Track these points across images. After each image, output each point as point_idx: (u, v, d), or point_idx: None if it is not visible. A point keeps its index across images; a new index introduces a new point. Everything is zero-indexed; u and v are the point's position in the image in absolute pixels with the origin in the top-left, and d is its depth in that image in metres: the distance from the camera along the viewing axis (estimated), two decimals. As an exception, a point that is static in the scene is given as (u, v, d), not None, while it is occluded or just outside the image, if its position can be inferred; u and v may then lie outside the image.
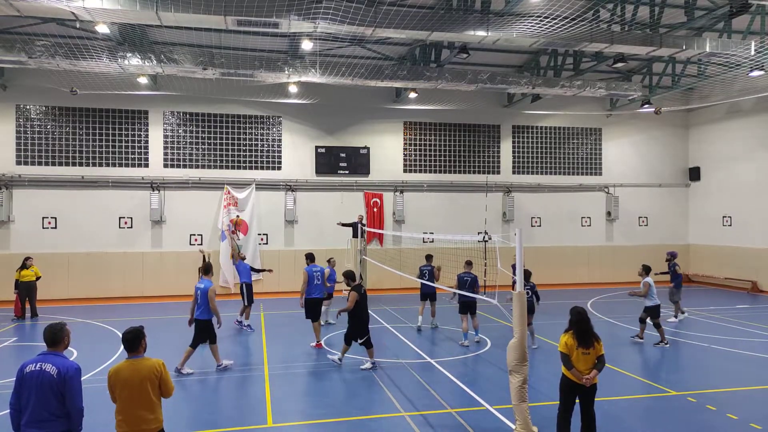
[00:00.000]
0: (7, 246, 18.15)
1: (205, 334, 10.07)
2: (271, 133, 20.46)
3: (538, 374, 9.65)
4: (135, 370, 5.04)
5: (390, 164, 21.43)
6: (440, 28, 12.63)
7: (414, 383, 9.48)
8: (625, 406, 8.41)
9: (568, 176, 23.16)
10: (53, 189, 18.55)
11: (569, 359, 6.29)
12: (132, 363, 5.09)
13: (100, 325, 14.39)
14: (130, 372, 5.03)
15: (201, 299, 9.96)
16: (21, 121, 18.41)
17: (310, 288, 12.13)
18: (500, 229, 21.76)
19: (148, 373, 5.04)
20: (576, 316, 6.45)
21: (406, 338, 12.85)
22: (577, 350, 6.29)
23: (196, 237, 19.70)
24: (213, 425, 7.62)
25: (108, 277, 18.73)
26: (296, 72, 15.77)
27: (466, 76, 16.99)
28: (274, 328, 14.03)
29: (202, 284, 10.11)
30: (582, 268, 22.71)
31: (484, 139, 22.40)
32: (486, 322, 14.56)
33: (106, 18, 11.81)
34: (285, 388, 9.21)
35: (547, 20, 12.10)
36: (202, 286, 10.05)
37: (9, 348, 12.10)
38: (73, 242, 18.59)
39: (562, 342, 6.39)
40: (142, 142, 19.35)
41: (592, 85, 18.36)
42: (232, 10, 11.35)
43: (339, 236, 19.69)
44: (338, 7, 11.38)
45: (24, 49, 13.69)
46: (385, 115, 21.25)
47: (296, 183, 20.50)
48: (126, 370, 5.05)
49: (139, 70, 15.48)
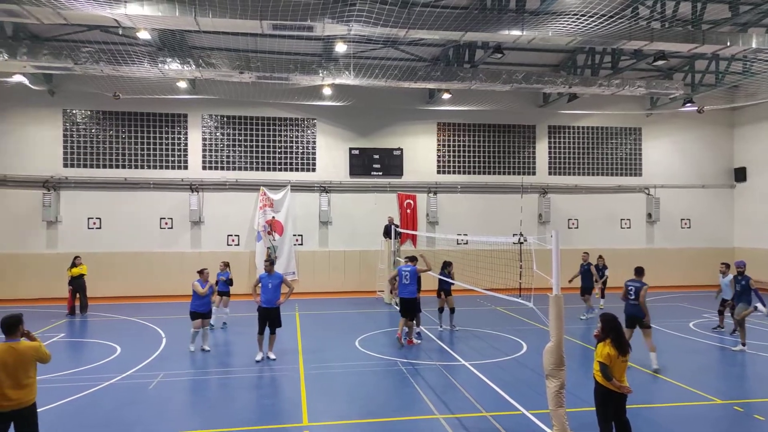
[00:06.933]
0: (55, 245, 18.89)
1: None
2: (306, 135, 20.69)
3: (575, 379, 9.45)
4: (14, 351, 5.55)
5: (423, 165, 21.39)
6: (474, 28, 12.54)
7: (448, 385, 9.43)
8: (667, 414, 8.17)
9: (607, 177, 22.65)
10: (98, 191, 19.22)
11: (609, 370, 6.08)
12: (11, 346, 5.58)
13: (142, 323, 14.83)
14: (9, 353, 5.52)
15: (274, 289, 10.94)
16: (68, 125, 19.15)
17: (399, 287, 12.50)
18: (536, 231, 21.46)
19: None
20: (610, 323, 6.24)
21: (440, 340, 12.79)
22: (617, 359, 6.11)
23: (233, 237, 20.10)
24: (249, 423, 7.75)
25: (149, 275, 19.29)
26: (330, 74, 15.92)
27: (500, 76, 16.81)
28: (309, 328, 14.18)
29: (273, 279, 11.01)
30: (621, 271, 22.01)
31: (519, 140, 22.13)
32: (521, 325, 14.37)
33: (147, 24, 12.17)
34: (320, 388, 9.29)
35: (583, 18, 11.85)
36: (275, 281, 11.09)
37: (58, 343, 12.58)
38: (116, 242, 19.22)
39: (604, 353, 6.11)
40: (182, 144, 19.86)
41: (632, 83, 17.89)
42: (268, 15, 11.53)
43: (372, 237, 19.81)
44: (372, 9, 11.43)
45: (70, 55, 14.23)
46: (419, 117, 21.22)
47: (330, 184, 20.67)
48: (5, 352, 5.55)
49: (179, 75, 15.89)
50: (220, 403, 8.63)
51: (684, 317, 15.60)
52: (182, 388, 9.37)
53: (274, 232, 19.84)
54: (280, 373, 10.21)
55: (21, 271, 18.51)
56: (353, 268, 20.62)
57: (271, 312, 10.90)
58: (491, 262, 12.73)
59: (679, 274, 22.46)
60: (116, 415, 8.01)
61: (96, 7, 10.83)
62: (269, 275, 11.00)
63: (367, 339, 12.90)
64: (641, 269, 10.53)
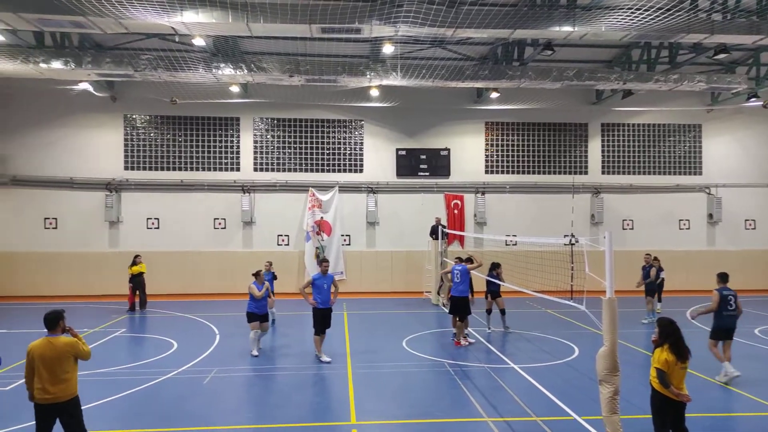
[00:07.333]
0: (116, 244, 19.85)
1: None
2: (354, 136, 20.90)
3: (631, 385, 9.12)
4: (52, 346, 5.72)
5: (471, 165, 21.19)
6: (524, 26, 12.33)
7: (496, 388, 9.31)
8: (730, 425, 7.79)
9: (664, 176, 21.78)
10: (156, 192, 20.07)
11: (667, 377, 5.84)
12: (49, 340, 5.76)
13: (197, 319, 15.36)
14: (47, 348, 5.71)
15: (328, 290, 11.04)
16: (128, 130, 20.07)
17: (453, 286, 12.69)
18: (588, 232, 20.88)
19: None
20: (669, 328, 5.99)
21: (488, 342, 12.64)
22: (675, 366, 5.87)
23: (283, 237, 20.53)
24: (299, 420, 7.90)
25: (203, 274, 19.97)
26: (377, 76, 16.02)
27: (550, 73, 16.46)
28: (357, 328, 14.30)
29: (327, 280, 11.08)
30: (680, 274, 21.13)
31: (571, 139, 21.58)
32: (573, 329, 14.01)
33: (202, 31, 12.61)
34: (368, 387, 9.36)
35: (638, 12, 11.43)
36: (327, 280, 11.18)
37: (119, 338, 13.21)
38: (173, 241, 20.00)
39: (661, 359, 5.88)
40: (234, 147, 20.46)
41: (691, 78, 17.12)
42: (317, 18, 11.73)
43: (419, 238, 19.81)
44: (419, 9, 11.43)
45: (131, 63, 14.93)
46: (466, 116, 21.04)
47: (377, 185, 20.79)
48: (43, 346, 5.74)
49: (232, 79, 16.38)
50: (271, 400, 8.85)
51: (749, 323, 14.77)
52: (234, 383, 9.65)
53: (323, 232, 20.14)
54: (329, 371, 10.34)
55: (86, 268, 19.54)
56: (400, 268, 20.66)
57: (327, 312, 11.06)
58: (541, 264, 12.47)
59: (742, 278, 21.13)
60: (174, 407, 8.33)
61: (154, 16, 11.32)
62: (323, 276, 11.02)
63: (414, 339, 12.90)
64: (726, 275, 9.64)
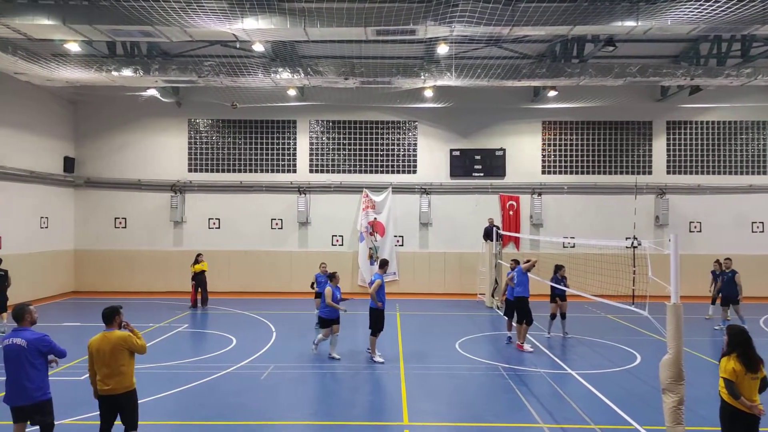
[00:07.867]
0: (180, 243, 20.76)
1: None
2: (407, 137, 20.94)
3: (697, 395, 8.68)
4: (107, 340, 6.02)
5: (527, 166, 20.77)
6: (584, 21, 11.96)
7: (553, 394, 9.09)
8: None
9: (735, 176, 20.58)
10: (217, 193, 20.85)
11: (736, 387, 5.55)
12: (105, 335, 6.05)
13: (255, 317, 15.83)
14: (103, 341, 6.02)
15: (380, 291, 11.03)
16: (192, 134, 20.96)
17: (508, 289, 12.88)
18: (652, 235, 20.00)
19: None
20: (738, 336, 5.68)
21: (546, 347, 12.35)
22: (745, 376, 5.55)
23: (338, 238, 20.83)
24: (352, 418, 8.00)
25: (261, 273, 20.55)
26: (432, 76, 15.98)
27: (612, 70, 15.88)
28: (409, 329, 14.32)
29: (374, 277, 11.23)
30: (754, 280, 19.79)
31: (633, 137, 20.76)
32: (635, 335, 13.48)
33: (261, 37, 12.98)
34: (420, 389, 9.35)
35: (708, 4, 10.85)
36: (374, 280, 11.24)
37: (182, 333, 13.81)
38: (232, 241, 20.70)
39: (728, 368, 5.58)
40: (291, 149, 20.96)
41: (765, 72, 16.08)
42: (372, 21, 11.82)
43: (473, 239, 19.62)
44: (474, 8, 11.29)
45: (195, 69, 15.58)
46: (522, 115, 20.64)
47: (431, 186, 20.73)
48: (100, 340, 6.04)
49: (289, 83, 16.78)
50: (325, 397, 9.01)
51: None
52: (290, 380, 9.87)
53: (376, 233, 20.28)
54: (382, 371, 10.41)
55: (152, 266, 20.54)
56: (453, 269, 20.51)
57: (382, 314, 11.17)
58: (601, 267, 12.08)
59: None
60: (233, 400, 8.63)
61: (216, 23, 11.77)
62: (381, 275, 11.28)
63: (467, 342, 12.78)
64: None
